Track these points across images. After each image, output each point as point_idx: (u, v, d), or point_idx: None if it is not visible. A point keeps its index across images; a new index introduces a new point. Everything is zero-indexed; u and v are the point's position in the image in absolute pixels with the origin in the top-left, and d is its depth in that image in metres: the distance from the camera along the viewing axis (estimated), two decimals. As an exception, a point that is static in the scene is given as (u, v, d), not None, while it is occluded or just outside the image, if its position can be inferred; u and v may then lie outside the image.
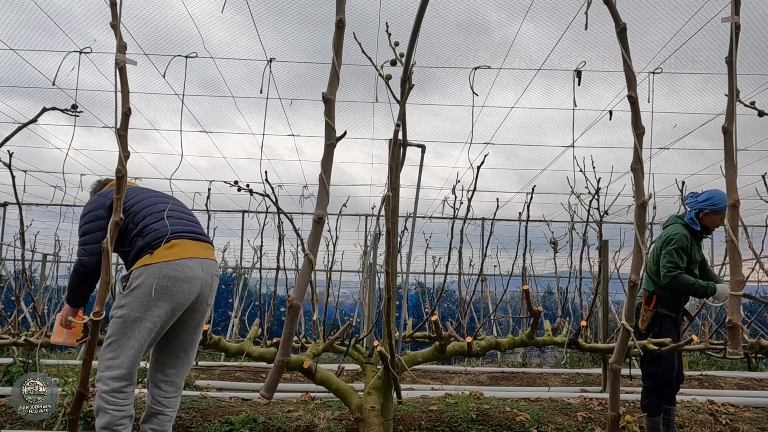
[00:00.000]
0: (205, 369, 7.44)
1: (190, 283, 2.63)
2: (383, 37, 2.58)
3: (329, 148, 1.51)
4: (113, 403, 2.49)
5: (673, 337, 3.71)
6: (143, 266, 2.58)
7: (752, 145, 8.31)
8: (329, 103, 1.52)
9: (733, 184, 1.38)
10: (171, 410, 2.78)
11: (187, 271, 2.61)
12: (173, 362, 2.79)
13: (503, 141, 9.03)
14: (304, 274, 1.51)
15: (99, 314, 1.83)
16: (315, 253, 1.52)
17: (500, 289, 10.91)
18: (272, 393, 1.51)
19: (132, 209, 2.76)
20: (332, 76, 1.51)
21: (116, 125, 2.02)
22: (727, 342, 3.43)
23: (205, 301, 2.77)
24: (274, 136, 9.34)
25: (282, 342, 1.52)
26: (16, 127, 3.27)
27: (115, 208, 1.79)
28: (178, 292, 2.57)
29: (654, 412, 3.67)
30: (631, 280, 1.39)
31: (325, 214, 1.51)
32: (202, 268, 2.71)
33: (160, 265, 2.58)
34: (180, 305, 2.62)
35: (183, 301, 2.62)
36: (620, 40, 1.38)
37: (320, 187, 1.49)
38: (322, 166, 1.50)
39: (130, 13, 5.79)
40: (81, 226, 2.76)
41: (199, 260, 2.71)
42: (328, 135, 1.52)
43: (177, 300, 2.59)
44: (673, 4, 5.29)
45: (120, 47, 2.03)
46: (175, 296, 2.57)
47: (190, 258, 2.66)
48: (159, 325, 2.59)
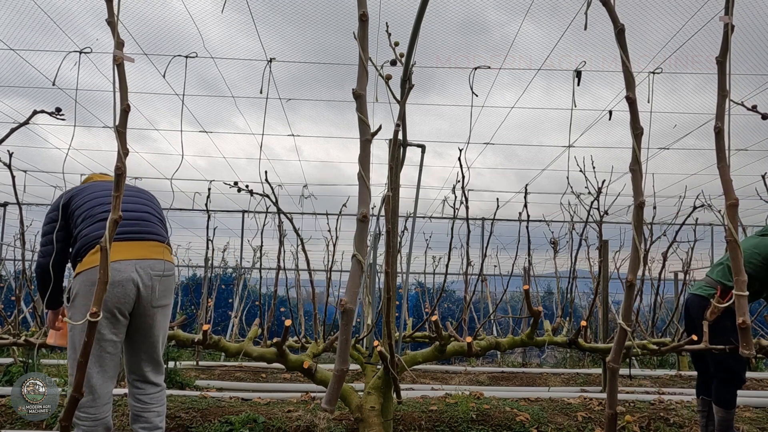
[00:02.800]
0: (205, 369, 7.44)
1: (122, 286, 2.52)
2: (383, 37, 2.58)
3: (365, 144, 1.49)
4: (84, 418, 2.51)
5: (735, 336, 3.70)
6: (76, 275, 2.55)
7: (752, 145, 8.31)
8: (360, 99, 1.50)
9: (728, 184, 1.38)
10: (156, 405, 2.75)
11: (115, 274, 2.48)
12: (142, 365, 2.75)
13: (503, 141, 9.03)
14: (354, 276, 1.47)
15: (95, 315, 1.83)
16: (363, 253, 1.48)
17: (500, 289, 10.92)
18: (335, 405, 1.47)
19: (74, 213, 2.69)
20: (360, 71, 1.50)
21: (115, 122, 2.02)
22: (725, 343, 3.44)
23: (149, 304, 2.63)
24: (274, 136, 9.35)
25: (339, 350, 1.46)
26: (16, 128, 3.28)
27: (114, 206, 1.79)
28: (109, 297, 2.46)
29: (733, 405, 3.65)
30: (628, 281, 1.39)
31: (368, 212, 1.47)
32: (137, 269, 2.58)
33: (86, 273, 2.51)
34: (118, 310, 2.52)
35: (119, 305, 2.52)
36: (618, 42, 1.39)
37: (360, 185, 1.46)
38: (360, 163, 1.48)
39: (129, 13, 5.79)
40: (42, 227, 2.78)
41: (133, 261, 2.58)
42: (362, 131, 1.50)
43: (111, 306, 2.49)
44: (672, 4, 5.29)
45: (118, 44, 2.03)
46: (108, 302, 2.46)
47: (118, 261, 2.53)
48: (105, 333, 2.50)
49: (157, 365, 2.79)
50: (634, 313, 6.47)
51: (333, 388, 1.45)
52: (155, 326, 2.71)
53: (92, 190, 2.78)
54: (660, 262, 5.77)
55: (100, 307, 1.47)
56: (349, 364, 1.51)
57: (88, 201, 2.71)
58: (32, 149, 9.56)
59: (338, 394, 1.50)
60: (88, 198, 2.73)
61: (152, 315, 2.67)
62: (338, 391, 1.48)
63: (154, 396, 2.76)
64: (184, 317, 4.84)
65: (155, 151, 10.09)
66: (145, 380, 2.76)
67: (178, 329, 4.29)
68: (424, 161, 3.33)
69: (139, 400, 2.73)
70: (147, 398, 2.74)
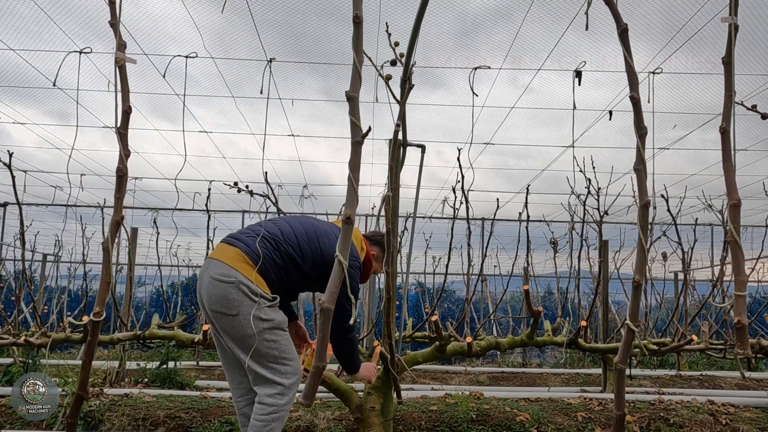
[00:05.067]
0: (205, 369, 7.44)
1: (199, 284, 2.73)
2: (383, 37, 2.58)
3: (356, 146, 1.50)
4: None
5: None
6: None
7: (752, 145, 8.31)
8: (353, 101, 1.51)
9: (732, 184, 1.38)
10: (254, 413, 2.66)
11: (199, 272, 2.75)
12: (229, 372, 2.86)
13: (503, 141, 9.02)
14: (334, 277, 1.49)
15: (99, 314, 1.83)
16: (346, 254, 1.50)
17: (500, 289, 10.91)
18: (312, 400, 1.51)
19: None
20: (354, 74, 1.51)
21: (116, 124, 2.02)
22: (725, 343, 3.44)
23: (203, 301, 2.65)
24: (274, 136, 9.34)
25: (317, 347, 1.50)
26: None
27: (116, 207, 1.78)
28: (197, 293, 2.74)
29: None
30: (635, 281, 1.39)
31: (353, 214, 1.49)
32: (206, 269, 2.66)
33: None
34: (201, 306, 2.71)
35: (199, 301, 2.72)
36: (622, 41, 1.38)
37: (349, 188, 1.48)
38: (350, 166, 1.49)
39: (129, 13, 5.79)
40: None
41: (208, 261, 2.70)
42: (353, 133, 1.51)
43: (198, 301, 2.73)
44: (672, 4, 5.29)
45: (119, 46, 2.03)
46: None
47: (206, 259, 2.75)
48: (212, 329, 2.74)
49: (253, 374, 2.65)
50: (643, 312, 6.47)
51: (309, 384, 1.51)
52: (223, 334, 2.64)
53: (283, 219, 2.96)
54: (660, 262, 5.77)
55: (103, 307, 1.46)
56: (326, 361, 1.54)
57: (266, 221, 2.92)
58: (32, 149, 9.58)
59: (315, 390, 1.54)
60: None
61: (213, 319, 2.65)
62: (315, 387, 1.53)
63: (254, 408, 2.69)
64: (184, 317, 4.84)
65: (156, 151, 10.07)
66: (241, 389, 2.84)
67: (178, 329, 4.29)
68: (425, 161, 3.33)
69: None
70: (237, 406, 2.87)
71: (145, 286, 11.69)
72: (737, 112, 1.69)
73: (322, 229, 2.85)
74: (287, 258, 2.69)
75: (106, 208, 7.16)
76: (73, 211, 8.24)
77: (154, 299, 12.43)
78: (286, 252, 2.69)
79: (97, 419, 4.30)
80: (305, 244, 2.74)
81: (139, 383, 5.92)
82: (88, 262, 7.56)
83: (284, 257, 2.69)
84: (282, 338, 2.63)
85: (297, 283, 2.77)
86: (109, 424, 4.26)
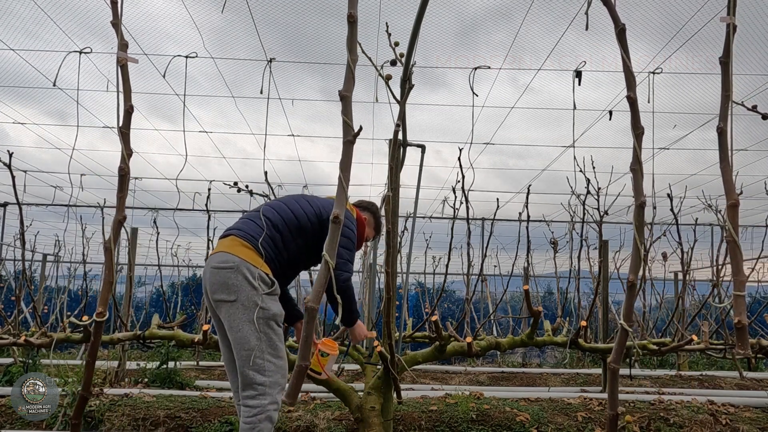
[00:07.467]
0: (205, 369, 7.44)
1: (203, 280, 2.79)
2: (383, 37, 2.58)
3: (347, 145, 1.50)
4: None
5: None
6: None
7: (752, 145, 8.30)
8: (345, 101, 1.51)
9: (730, 184, 1.38)
10: (242, 416, 2.64)
11: (203, 271, 2.83)
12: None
13: (503, 141, 9.02)
14: (320, 277, 1.49)
15: (102, 315, 1.83)
16: (332, 254, 1.50)
17: (500, 289, 10.91)
18: (295, 399, 1.51)
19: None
20: (347, 74, 1.50)
21: (118, 123, 2.02)
22: (726, 343, 3.43)
23: (209, 294, 2.70)
24: (273, 136, 9.34)
25: (300, 346, 1.50)
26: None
27: (118, 206, 1.78)
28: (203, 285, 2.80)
29: None
30: (630, 281, 1.39)
31: (341, 214, 1.49)
32: (208, 264, 2.74)
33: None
34: (207, 301, 2.77)
35: (205, 297, 2.78)
36: (619, 41, 1.39)
37: (339, 188, 1.48)
38: (340, 166, 1.48)
39: (129, 12, 5.79)
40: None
41: (209, 257, 2.78)
42: (345, 132, 1.51)
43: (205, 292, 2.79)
44: (672, 4, 5.28)
45: (121, 45, 2.03)
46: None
47: (211, 253, 2.80)
48: (217, 325, 2.81)
49: (243, 377, 2.62)
50: (639, 313, 6.47)
51: (293, 383, 1.51)
52: (226, 323, 2.64)
53: (280, 199, 3.01)
54: (660, 262, 5.77)
55: (106, 307, 1.47)
56: (309, 361, 1.54)
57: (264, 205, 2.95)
58: (32, 149, 9.58)
59: (299, 389, 1.54)
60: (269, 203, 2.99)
61: (216, 310, 2.68)
62: (299, 386, 1.53)
63: (240, 402, 2.67)
64: (184, 317, 4.84)
65: (156, 150, 10.07)
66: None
67: (178, 329, 4.29)
68: (425, 161, 3.33)
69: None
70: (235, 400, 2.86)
71: (145, 286, 11.70)
72: (737, 112, 1.69)
73: (313, 196, 3.03)
74: (282, 226, 2.76)
75: (106, 208, 7.16)
76: (73, 211, 8.24)
77: (154, 299, 12.43)
78: (281, 220, 2.77)
79: (97, 419, 4.30)
80: (298, 207, 2.86)
81: (139, 383, 5.92)
82: (88, 262, 7.56)
83: (280, 227, 2.76)
84: (274, 333, 2.65)
85: (296, 256, 2.82)
86: (109, 424, 4.26)
